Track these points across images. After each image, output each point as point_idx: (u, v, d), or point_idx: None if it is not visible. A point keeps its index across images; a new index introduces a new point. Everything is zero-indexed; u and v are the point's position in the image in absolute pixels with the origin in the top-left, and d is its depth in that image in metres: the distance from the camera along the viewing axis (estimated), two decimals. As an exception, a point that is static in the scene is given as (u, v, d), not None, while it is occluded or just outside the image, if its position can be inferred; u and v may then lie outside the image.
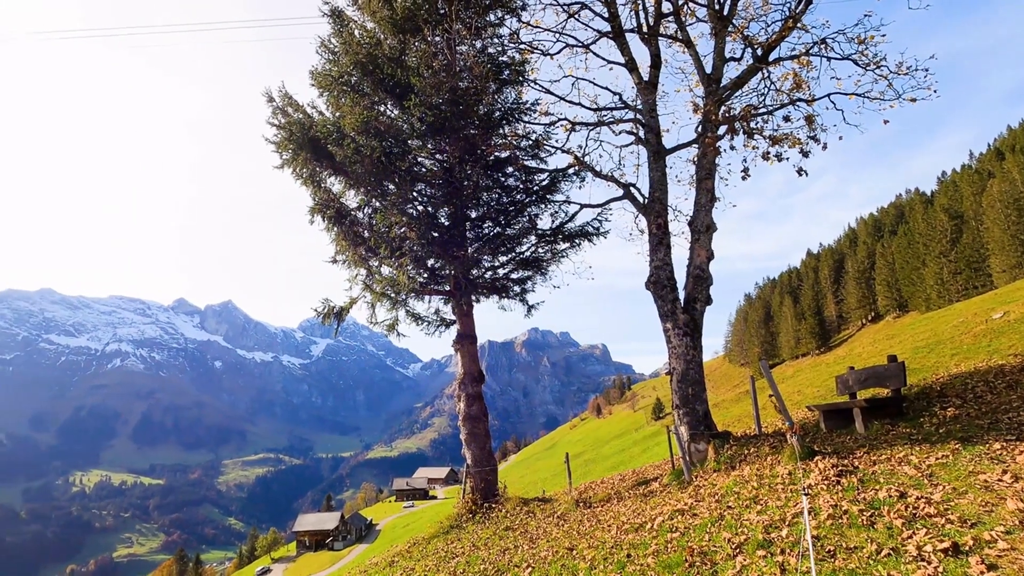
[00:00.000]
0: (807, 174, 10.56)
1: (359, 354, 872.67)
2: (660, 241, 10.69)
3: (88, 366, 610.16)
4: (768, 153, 10.51)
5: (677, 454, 11.08)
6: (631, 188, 11.53)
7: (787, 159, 10.51)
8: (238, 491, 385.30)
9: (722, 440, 9.28)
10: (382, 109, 12.79)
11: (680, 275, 10.68)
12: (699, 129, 11.13)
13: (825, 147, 10.20)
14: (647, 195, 11.15)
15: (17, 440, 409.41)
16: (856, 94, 9.87)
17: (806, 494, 4.41)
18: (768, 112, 10.61)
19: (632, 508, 8.26)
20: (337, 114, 12.60)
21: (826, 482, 5.65)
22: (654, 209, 10.87)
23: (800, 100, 10.33)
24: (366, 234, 13.33)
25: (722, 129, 10.63)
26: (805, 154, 10.28)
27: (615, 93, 11.67)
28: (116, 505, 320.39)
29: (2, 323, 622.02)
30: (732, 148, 10.73)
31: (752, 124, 10.55)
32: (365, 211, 13.56)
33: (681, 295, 10.53)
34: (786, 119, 10.50)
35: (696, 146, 11.21)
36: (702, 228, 10.55)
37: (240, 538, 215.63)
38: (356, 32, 12.72)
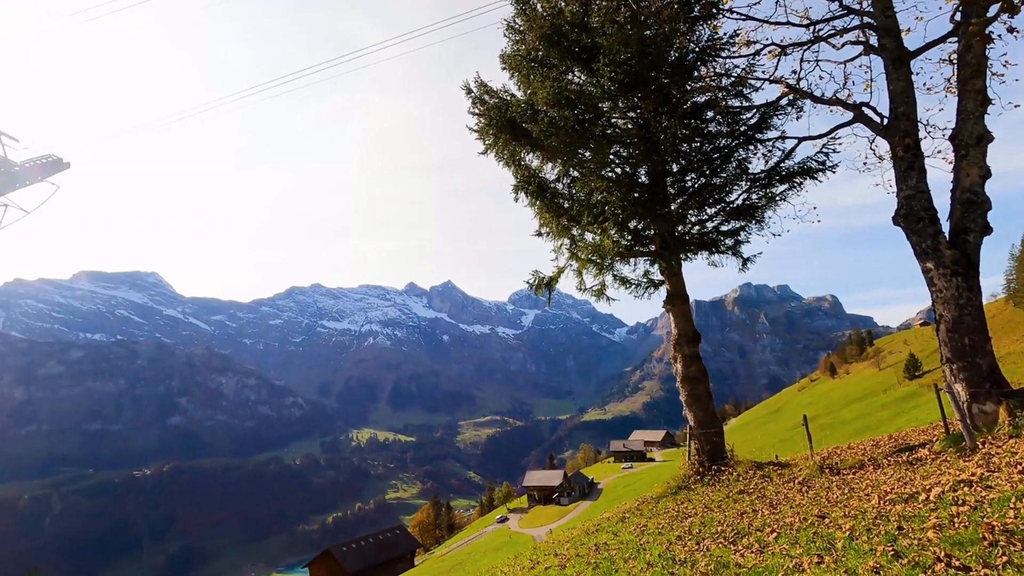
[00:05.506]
0: None
1: (565, 322, 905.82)
2: (911, 165, 8.92)
3: (351, 344, 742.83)
4: (1072, 26, 7.94)
5: (951, 416, 9.31)
6: (863, 108, 9.81)
7: (1105, 28, 7.83)
8: (473, 448, 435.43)
9: (1019, 400, 7.53)
10: (570, 77, 12.84)
11: (939, 203, 8.81)
12: (956, 17, 8.89)
13: None
14: (886, 113, 9.36)
15: (312, 405, 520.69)
16: None
17: None
18: (1069, -30, 7.98)
19: (896, 477, 7.22)
20: (528, 92, 13.00)
21: None
22: (899, 128, 9.07)
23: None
24: (567, 204, 13.64)
25: (993, 9, 8.32)
26: None
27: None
28: (383, 457, 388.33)
29: (291, 314, 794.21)
30: (1012, 31, 8.35)
31: (1043, -8, 8.05)
32: (564, 181, 13.86)
33: (944, 227, 8.69)
34: (1100, -27, 7.77)
35: (955, 39, 8.99)
36: (971, 141, 8.49)
37: (479, 489, 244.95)
38: (538, 6, 12.89)
